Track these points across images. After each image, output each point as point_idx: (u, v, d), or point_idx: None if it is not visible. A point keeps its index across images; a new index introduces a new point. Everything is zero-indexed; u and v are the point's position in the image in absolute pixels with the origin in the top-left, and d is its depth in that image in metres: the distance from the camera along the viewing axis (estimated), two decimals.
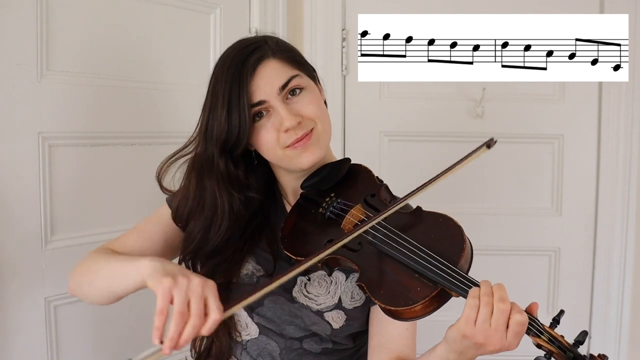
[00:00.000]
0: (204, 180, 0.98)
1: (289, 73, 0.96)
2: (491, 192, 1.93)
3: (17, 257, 1.28)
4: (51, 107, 1.32)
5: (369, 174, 1.04)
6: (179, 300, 0.74)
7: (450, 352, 0.82)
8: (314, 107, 0.97)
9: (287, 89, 0.95)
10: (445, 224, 0.88)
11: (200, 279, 0.78)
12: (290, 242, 0.97)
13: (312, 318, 0.99)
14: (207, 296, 0.76)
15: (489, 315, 0.76)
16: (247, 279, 1.01)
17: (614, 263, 1.88)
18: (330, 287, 1.00)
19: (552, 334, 0.77)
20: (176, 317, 0.74)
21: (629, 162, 1.86)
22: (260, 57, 0.95)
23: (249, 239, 1.03)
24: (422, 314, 0.82)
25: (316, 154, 0.96)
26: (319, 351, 1.02)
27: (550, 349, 0.76)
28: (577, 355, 0.76)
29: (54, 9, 1.32)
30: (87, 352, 1.44)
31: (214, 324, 0.75)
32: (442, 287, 0.81)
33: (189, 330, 0.74)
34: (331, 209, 0.97)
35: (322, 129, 0.98)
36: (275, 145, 0.96)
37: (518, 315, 0.76)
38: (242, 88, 0.93)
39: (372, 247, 0.89)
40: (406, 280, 0.83)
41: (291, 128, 0.94)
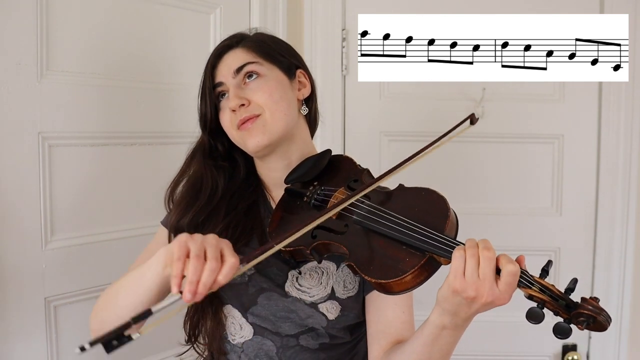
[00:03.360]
0: (195, 159, 1.09)
1: (247, 59, 1.04)
2: (491, 192, 1.93)
3: (17, 257, 1.28)
4: (51, 107, 1.32)
5: (351, 162, 1.08)
6: (194, 247, 0.77)
7: (443, 314, 0.82)
8: (264, 94, 1.02)
9: (241, 73, 1.03)
10: (427, 195, 0.90)
11: (214, 235, 0.81)
12: (278, 235, 0.98)
13: (306, 311, 0.99)
14: (222, 247, 0.79)
15: (476, 266, 0.76)
16: (239, 278, 1.02)
17: (614, 263, 1.88)
18: (322, 278, 1.01)
19: (543, 284, 0.76)
20: (193, 260, 0.75)
21: (629, 162, 1.86)
22: (227, 45, 1.06)
23: (240, 223, 1.04)
24: (412, 285, 0.82)
25: (259, 138, 1.01)
26: (317, 347, 1.02)
27: (543, 299, 0.76)
28: (569, 302, 0.75)
29: (54, 9, 1.32)
30: (87, 352, 1.44)
31: (231, 268, 0.77)
32: (430, 255, 0.81)
33: (207, 274, 0.75)
34: (315, 197, 1.00)
35: (271, 118, 1.02)
36: (231, 126, 1.03)
37: (510, 265, 0.76)
38: (208, 71, 1.05)
39: (357, 226, 0.90)
40: (394, 253, 0.84)
41: (234, 108, 1.01)
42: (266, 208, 1.10)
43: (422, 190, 0.91)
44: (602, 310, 0.74)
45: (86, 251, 1.41)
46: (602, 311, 0.74)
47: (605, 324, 0.74)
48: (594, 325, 0.74)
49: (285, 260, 1.02)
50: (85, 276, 1.41)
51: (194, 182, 1.07)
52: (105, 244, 1.45)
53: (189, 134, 1.13)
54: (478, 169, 1.92)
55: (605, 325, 0.74)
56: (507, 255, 0.78)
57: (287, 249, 0.95)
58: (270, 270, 1.02)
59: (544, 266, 0.79)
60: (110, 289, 0.99)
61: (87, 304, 1.43)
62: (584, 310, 0.74)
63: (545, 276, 0.78)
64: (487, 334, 1.90)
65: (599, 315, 0.73)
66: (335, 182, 1.02)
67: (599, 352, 1.93)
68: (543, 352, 1.95)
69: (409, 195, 0.93)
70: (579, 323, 0.74)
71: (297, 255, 0.97)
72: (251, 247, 1.04)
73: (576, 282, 0.77)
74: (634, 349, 1.91)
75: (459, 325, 0.83)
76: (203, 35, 1.66)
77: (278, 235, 0.97)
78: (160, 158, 1.55)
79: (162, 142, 1.56)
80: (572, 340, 1.94)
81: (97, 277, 1.43)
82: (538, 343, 1.94)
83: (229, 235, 1.01)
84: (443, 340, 0.84)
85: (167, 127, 1.57)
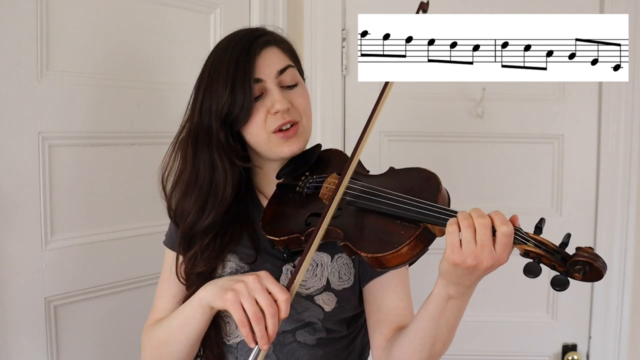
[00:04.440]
0: (202, 151, 1.01)
1: (287, 62, 1.03)
2: (491, 192, 1.93)
3: (17, 257, 1.28)
4: (51, 107, 1.32)
5: (341, 153, 1.11)
6: (248, 305, 0.84)
7: (448, 285, 0.82)
8: (304, 100, 1.04)
9: (282, 76, 1.01)
10: (418, 172, 0.92)
11: (253, 275, 0.87)
12: (272, 227, 0.99)
13: (303, 304, 0.99)
14: (267, 286, 0.85)
15: (473, 235, 0.77)
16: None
17: (614, 263, 1.88)
18: (316, 270, 1.01)
19: (538, 239, 0.77)
20: (254, 321, 0.83)
21: (629, 162, 1.86)
22: (266, 41, 1.02)
23: (228, 230, 1.04)
24: (409, 258, 0.83)
25: (298, 145, 1.02)
26: (314, 343, 1.01)
27: (539, 253, 0.76)
28: (564, 255, 0.76)
29: (54, 9, 1.32)
30: (87, 352, 1.44)
31: (287, 304, 0.84)
32: (424, 225, 0.82)
33: (270, 322, 0.83)
34: (307, 185, 1.02)
35: (307, 125, 1.04)
36: (262, 127, 1.00)
37: (504, 227, 0.76)
38: (248, 63, 0.97)
39: (351, 207, 0.91)
40: (389, 227, 0.85)
41: (281, 111, 0.98)
42: (256, 208, 1.09)
43: (413, 169, 0.94)
44: (597, 256, 0.74)
45: (86, 251, 1.41)
46: (597, 257, 0.74)
47: (602, 270, 0.73)
48: (591, 273, 0.74)
49: (278, 255, 1.02)
50: (85, 276, 1.41)
51: (208, 181, 1.01)
52: (105, 244, 1.45)
53: None
54: (478, 169, 1.92)
55: (602, 272, 0.74)
56: (500, 214, 0.78)
57: (281, 239, 0.96)
58: (264, 267, 1.02)
59: (537, 223, 0.80)
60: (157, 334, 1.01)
61: (87, 304, 1.43)
62: (580, 258, 0.74)
63: (539, 233, 0.79)
64: (487, 334, 1.90)
65: (595, 262, 0.73)
66: (326, 171, 1.04)
67: (599, 352, 1.93)
68: (543, 352, 1.95)
69: (399, 174, 0.95)
70: (576, 272, 0.74)
71: (291, 244, 0.97)
72: (242, 245, 1.04)
73: (569, 237, 0.78)
74: (634, 349, 1.92)
75: (464, 293, 0.83)
76: (203, 35, 1.66)
77: (273, 229, 0.98)
78: (160, 158, 1.54)
79: (162, 142, 1.55)
80: (572, 340, 1.94)
81: (97, 277, 1.44)
82: (538, 343, 1.94)
83: (217, 245, 1.02)
84: (449, 312, 0.85)
85: (167, 127, 1.56)
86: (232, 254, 1.03)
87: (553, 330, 1.94)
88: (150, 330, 1.04)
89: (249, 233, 1.05)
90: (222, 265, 1.03)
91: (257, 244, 1.03)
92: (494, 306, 1.88)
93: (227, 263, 1.03)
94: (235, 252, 1.04)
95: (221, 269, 1.03)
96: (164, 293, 1.09)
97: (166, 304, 1.08)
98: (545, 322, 1.93)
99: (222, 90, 0.97)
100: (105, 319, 1.46)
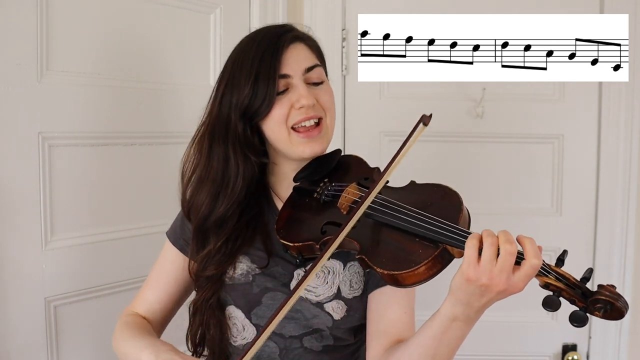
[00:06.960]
0: (217, 145, 1.00)
1: (315, 61, 1.02)
2: (491, 192, 1.93)
3: (17, 257, 1.28)
4: (51, 107, 1.32)
5: (361, 161, 1.08)
6: None
7: (456, 305, 0.80)
8: (330, 98, 1.03)
9: (309, 74, 0.99)
10: (440, 190, 0.90)
11: None
12: (286, 232, 0.97)
13: (312, 310, 0.98)
14: None
15: (494, 256, 0.74)
16: (243, 279, 1.01)
17: (614, 263, 1.88)
18: (327, 277, 1.00)
19: (560, 272, 0.76)
20: None
21: (629, 162, 1.86)
22: (294, 37, 1.01)
23: (241, 235, 1.03)
24: (425, 277, 0.81)
25: (320, 146, 1.00)
26: (320, 349, 1.00)
27: (559, 287, 0.75)
28: (585, 291, 0.75)
29: (54, 9, 1.32)
30: (87, 352, 1.44)
31: None
32: (444, 246, 0.80)
33: None
34: (326, 192, 0.99)
35: (330, 123, 1.02)
36: (284, 122, 0.98)
37: (535, 260, 0.74)
38: (274, 57, 0.96)
39: (369, 219, 0.89)
40: (407, 245, 0.83)
41: (306, 106, 0.96)
42: (270, 210, 1.07)
43: (435, 185, 0.91)
44: (619, 296, 0.73)
45: (86, 251, 1.41)
46: (619, 297, 0.73)
47: (623, 310, 0.72)
48: (612, 311, 0.73)
49: (290, 259, 1.01)
50: (85, 276, 1.41)
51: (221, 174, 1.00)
52: (105, 244, 1.45)
53: (189, 134, 1.13)
54: (478, 169, 1.92)
55: (623, 312, 0.72)
56: (533, 244, 0.75)
57: (295, 245, 0.94)
58: (275, 270, 1.01)
59: (560, 255, 0.78)
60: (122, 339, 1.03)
61: (87, 304, 1.43)
62: (602, 297, 0.72)
63: (561, 265, 0.77)
64: (487, 334, 1.90)
65: (617, 302, 0.72)
66: (345, 179, 1.01)
67: (599, 352, 1.92)
68: (543, 352, 1.95)
69: (421, 190, 0.93)
70: (597, 310, 0.73)
71: (305, 251, 0.95)
72: (255, 247, 1.03)
73: (592, 272, 0.76)
74: (634, 349, 1.91)
75: (470, 318, 0.81)
76: (203, 35, 1.66)
77: (288, 234, 0.96)
78: (160, 158, 1.55)
79: (162, 142, 1.56)
80: (572, 340, 1.94)
81: (97, 277, 1.44)
82: (538, 343, 1.94)
83: (228, 248, 1.01)
84: (452, 333, 0.83)
85: (167, 127, 1.57)
86: (243, 256, 1.02)
87: (553, 330, 1.94)
88: (121, 328, 1.05)
89: (262, 235, 1.03)
90: (232, 267, 1.02)
91: (269, 246, 1.02)
92: (494, 306, 1.87)
93: (238, 265, 1.02)
94: (248, 253, 1.03)
95: (232, 270, 1.02)
96: (150, 284, 1.11)
97: (149, 295, 1.10)
98: (545, 322, 1.93)
99: (245, 83, 0.96)
100: (105, 319, 1.46)
